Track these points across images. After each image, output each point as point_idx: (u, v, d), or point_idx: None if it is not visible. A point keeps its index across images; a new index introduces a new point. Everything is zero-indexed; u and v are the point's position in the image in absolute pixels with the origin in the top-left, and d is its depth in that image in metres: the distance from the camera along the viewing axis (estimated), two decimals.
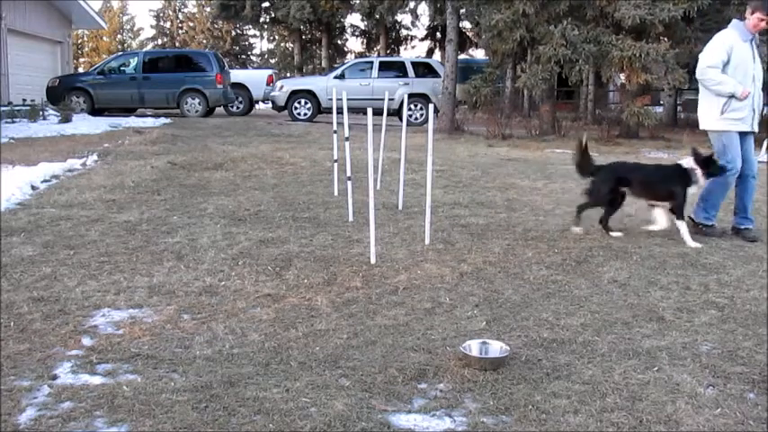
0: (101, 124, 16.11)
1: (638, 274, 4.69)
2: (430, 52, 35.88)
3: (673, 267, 4.85)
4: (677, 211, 5.62)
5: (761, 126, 6.14)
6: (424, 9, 32.95)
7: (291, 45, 41.00)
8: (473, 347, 3.29)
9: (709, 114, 5.84)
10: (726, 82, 5.65)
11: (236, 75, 23.05)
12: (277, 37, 43.84)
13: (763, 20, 5.59)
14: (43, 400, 2.79)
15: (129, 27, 60.84)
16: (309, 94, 19.74)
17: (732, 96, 5.65)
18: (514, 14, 15.07)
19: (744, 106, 5.69)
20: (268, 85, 22.79)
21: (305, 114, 19.66)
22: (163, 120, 18.14)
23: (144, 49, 42.82)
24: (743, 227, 5.86)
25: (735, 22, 5.84)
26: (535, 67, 15.19)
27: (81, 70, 33.57)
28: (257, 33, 50.81)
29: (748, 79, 5.68)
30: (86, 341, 3.41)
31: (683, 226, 5.59)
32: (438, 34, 34.11)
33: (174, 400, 2.79)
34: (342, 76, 19.92)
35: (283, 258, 4.91)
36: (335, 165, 7.52)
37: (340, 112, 6.39)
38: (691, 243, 5.46)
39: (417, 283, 4.41)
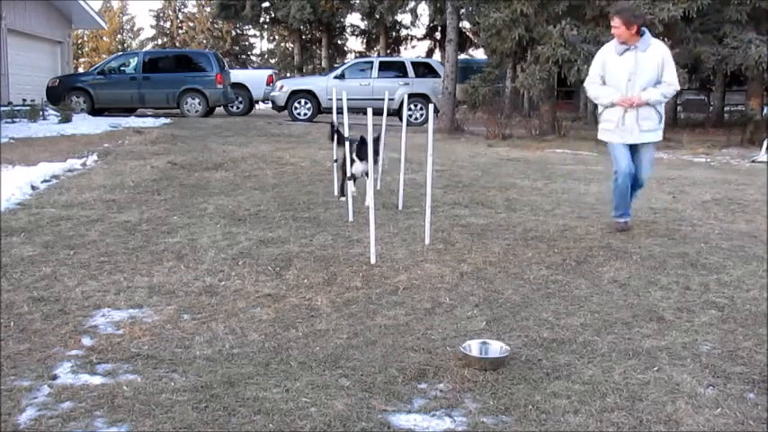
0: (101, 124, 16.10)
1: (638, 274, 4.69)
2: (430, 52, 35.89)
3: (673, 267, 4.85)
4: None
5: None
6: (423, 9, 32.95)
7: (291, 45, 41.02)
8: (473, 347, 3.29)
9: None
10: (599, 95, 5.86)
11: (236, 75, 23.05)
12: (277, 37, 43.86)
13: (615, 27, 5.63)
14: (43, 400, 2.79)
15: (129, 27, 60.82)
16: (309, 94, 19.74)
17: (607, 106, 5.81)
18: (513, 14, 15.06)
19: (611, 118, 5.80)
20: (268, 85, 22.78)
21: (305, 114, 19.66)
22: (163, 120, 18.14)
23: (144, 49, 42.83)
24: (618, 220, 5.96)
25: None
26: (533, 67, 15.17)
27: (81, 70, 33.55)
28: (257, 33, 50.80)
29: (619, 93, 5.68)
30: (86, 341, 3.41)
31: None
32: (438, 34, 34.10)
33: (174, 400, 2.79)
34: (342, 76, 19.92)
35: (283, 258, 4.91)
36: (335, 165, 7.52)
37: (340, 112, 6.39)
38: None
39: (417, 283, 4.41)
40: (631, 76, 5.63)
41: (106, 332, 3.54)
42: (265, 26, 37.40)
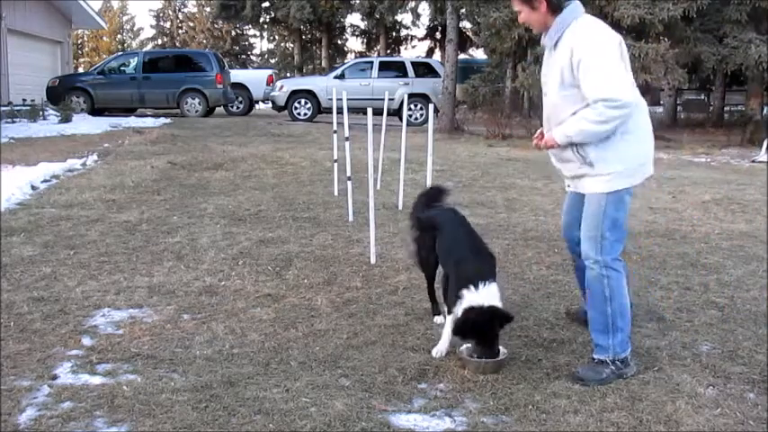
0: (101, 124, 16.09)
1: (638, 274, 4.68)
2: (430, 52, 35.89)
3: (673, 267, 4.85)
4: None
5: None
6: (424, 9, 32.95)
7: (291, 45, 41.03)
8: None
9: None
10: None
11: (236, 75, 23.03)
12: (277, 37, 43.83)
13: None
14: (43, 400, 2.79)
15: (129, 27, 60.80)
16: (309, 94, 19.74)
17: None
18: (513, 13, 15.03)
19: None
20: (268, 85, 22.77)
21: (305, 114, 19.66)
22: (163, 120, 18.13)
23: (144, 49, 42.80)
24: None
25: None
26: (533, 67, 15.17)
27: (81, 70, 33.54)
28: (257, 33, 50.76)
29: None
30: (86, 341, 3.41)
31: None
32: (438, 34, 34.11)
33: (174, 400, 2.79)
34: (342, 76, 19.91)
35: (283, 258, 4.91)
36: (335, 165, 7.51)
37: (340, 111, 6.39)
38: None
39: (417, 283, 4.40)
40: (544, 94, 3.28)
41: (106, 332, 3.54)
42: (265, 26, 37.40)
